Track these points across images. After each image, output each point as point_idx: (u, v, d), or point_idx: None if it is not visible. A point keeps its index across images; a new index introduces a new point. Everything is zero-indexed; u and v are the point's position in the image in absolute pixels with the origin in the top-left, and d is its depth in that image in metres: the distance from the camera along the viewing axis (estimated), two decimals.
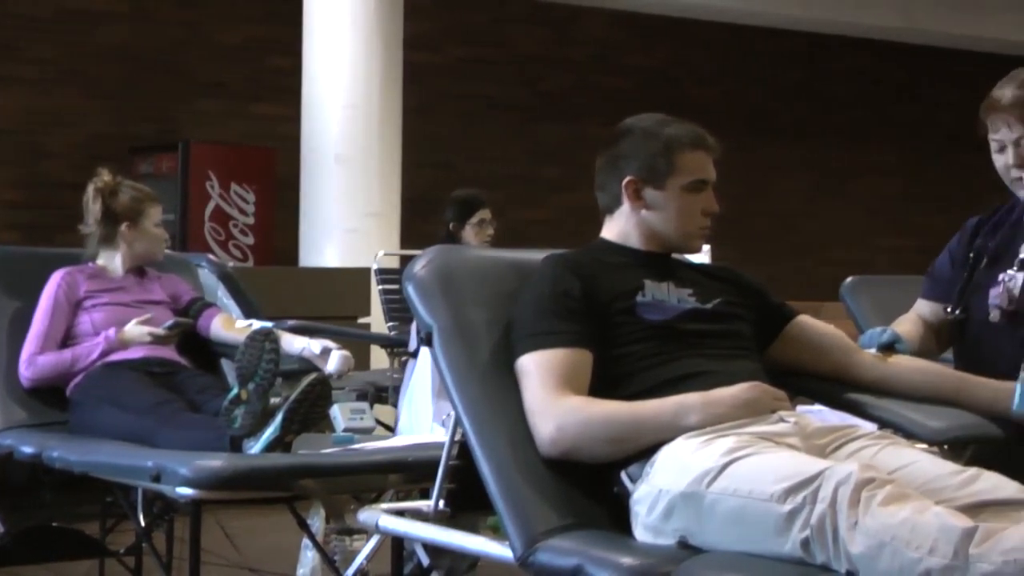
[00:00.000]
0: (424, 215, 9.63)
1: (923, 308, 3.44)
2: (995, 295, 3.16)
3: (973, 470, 2.56)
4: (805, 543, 2.38)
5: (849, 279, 6.01)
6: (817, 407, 3.39)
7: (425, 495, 3.33)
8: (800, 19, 11.09)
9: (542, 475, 2.79)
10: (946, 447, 3.00)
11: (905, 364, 3.02)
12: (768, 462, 2.53)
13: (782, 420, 2.75)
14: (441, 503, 2.94)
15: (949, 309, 3.29)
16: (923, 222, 12.67)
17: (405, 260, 6.55)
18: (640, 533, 2.67)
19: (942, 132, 12.99)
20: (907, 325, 3.38)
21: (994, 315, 3.17)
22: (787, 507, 2.41)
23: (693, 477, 2.57)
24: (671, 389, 2.78)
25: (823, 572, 2.36)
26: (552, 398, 2.77)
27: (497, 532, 2.92)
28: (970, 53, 12.03)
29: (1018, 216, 3.27)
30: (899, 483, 2.41)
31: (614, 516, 2.76)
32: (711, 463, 2.57)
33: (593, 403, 2.77)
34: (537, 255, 3.09)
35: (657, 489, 2.63)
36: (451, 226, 5.97)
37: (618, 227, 3.04)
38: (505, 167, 10.80)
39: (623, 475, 2.73)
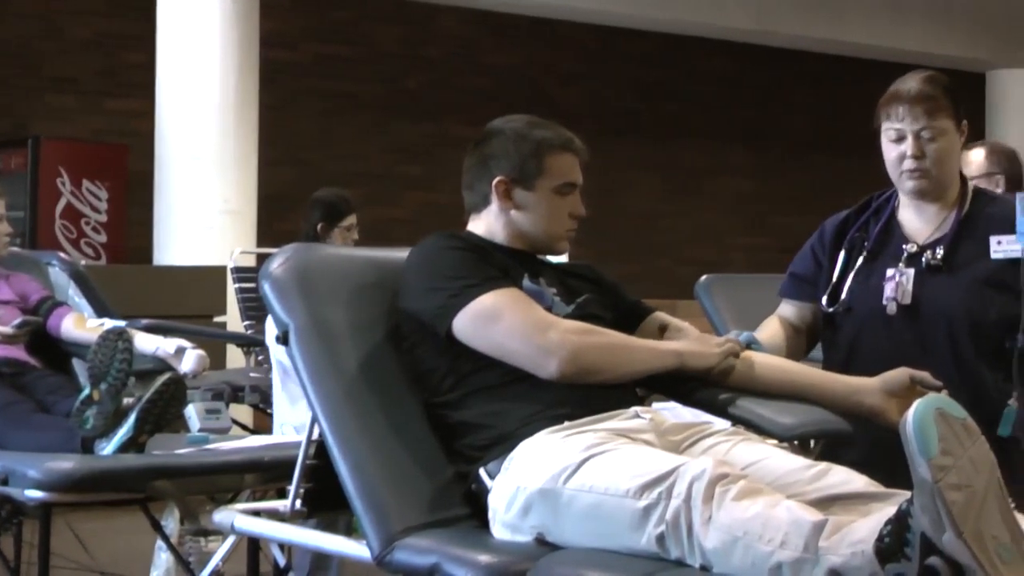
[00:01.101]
0: (281, 213, 9.57)
1: (786, 310, 3.48)
2: (890, 289, 3.19)
3: (823, 465, 2.60)
4: (660, 538, 2.40)
5: (704, 277, 6.08)
6: (671, 404, 3.42)
7: (282, 495, 3.30)
8: (658, 20, 11.20)
9: (400, 474, 2.79)
10: (796, 443, 3.06)
11: (761, 361, 3.07)
12: (624, 458, 2.55)
13: (638, 416, 2.78)
14: (298, 503, 2.92)
15: (826, 303, 3.31)
16: (778, 222, 12.89)
17: (262, 258, 6.49)
18: (498, 530, 2.68)
19: (797, 133, 13.23)
20: (770, 329, 3.42)
21: (891, 308, 3.20)
22: (642, 503, 2.43)
23: (550, 474, 2.58)
24: (534, 389, 2.79)
25: (678, 567, 2.39)
26: (555, 320, 2.81)
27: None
28: (825, 56, 12.27)
29: (892, 210, 3.33)
30: (752, 478, 2.45)
31: (473, 514, 2.77)
32: (568, 460, 2.58)
33: (597, 329, 2.84)
34: (394, 253, 3.08)
35: (515, 486, 2.64)
36: (318, 227, 5.91)
37: (485, 225, 3.04)
38: (364, 165, 10.76)
39: (481, 472, 2.73)
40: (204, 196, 8.45)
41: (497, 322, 2.78)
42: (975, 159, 5.01)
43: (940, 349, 3.14)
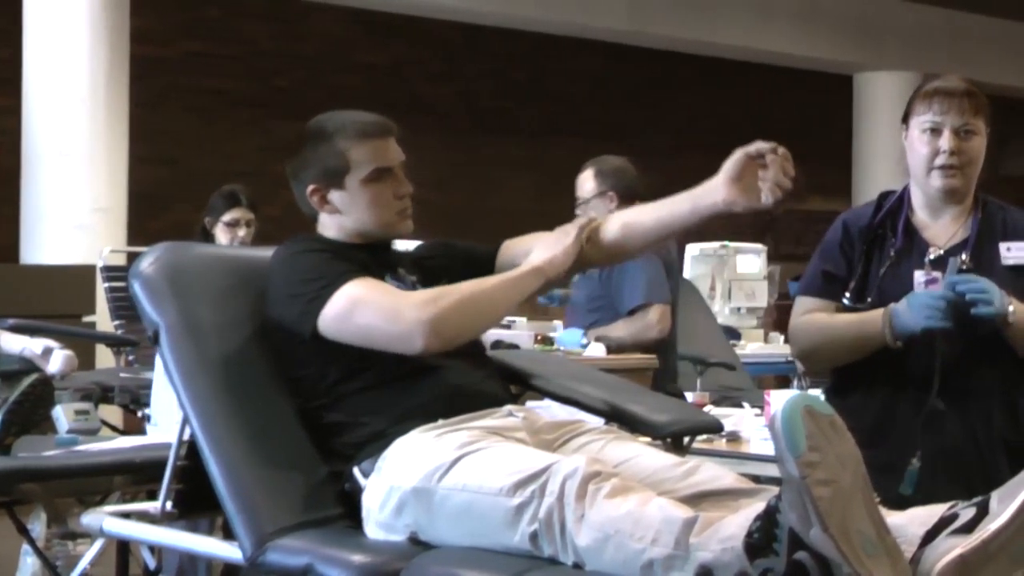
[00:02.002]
0: (152, 211, 9.44)
1: (813, 308, 3.32)
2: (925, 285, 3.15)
3: (694, 462, 2.63)
4: (533, 536, 2.41)
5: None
6: (546, 402, 3.44)
7: (152, 497, 3.26)
8: (530, 19, 11.23)
9: (272, 473, 2.77)
10: (668, 440, 3.09)
11: (616, 219, 3.09)
12: (497, 457, 2.55)
13: (512, 415, 2.79)
14: (169, 504, 2.89)
15: (850, 299, 3.21)
16: None
17: (132, 257, 6.39)
18: (371, 530, 2.67)
19: (669, 133, 13.34)
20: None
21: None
22: (516, 501, 2.44)
23: (424, 473, 2.58)
24: (407, 390, 2.79)
25: (551, 565, 2.40)
26: (405, 298, 2.77)
27: None
28: (696, 57, 12.39)
29: (906, 218, 3.27)
30: (624, 476, 2.47)
31: (347, 513, 2.76)
32: (441, 459, 2.58)
33: (446, 290, 2.78)
34: (265, 252, 3.06)
35: (388, 485, 2.64)
36: (206, 221, 5.83)
37: (328, 228, 3.03)
38: (236, 163, 10.64)
39: (355, 471, 2.73)
40: (73, 194, 8.30)
41: (356, 313, 2.77)
42: (584, 182, 5.08)
43: (987, 352, 3.11)
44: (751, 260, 8.15)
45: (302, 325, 2.80)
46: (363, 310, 2.77)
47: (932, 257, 3.19)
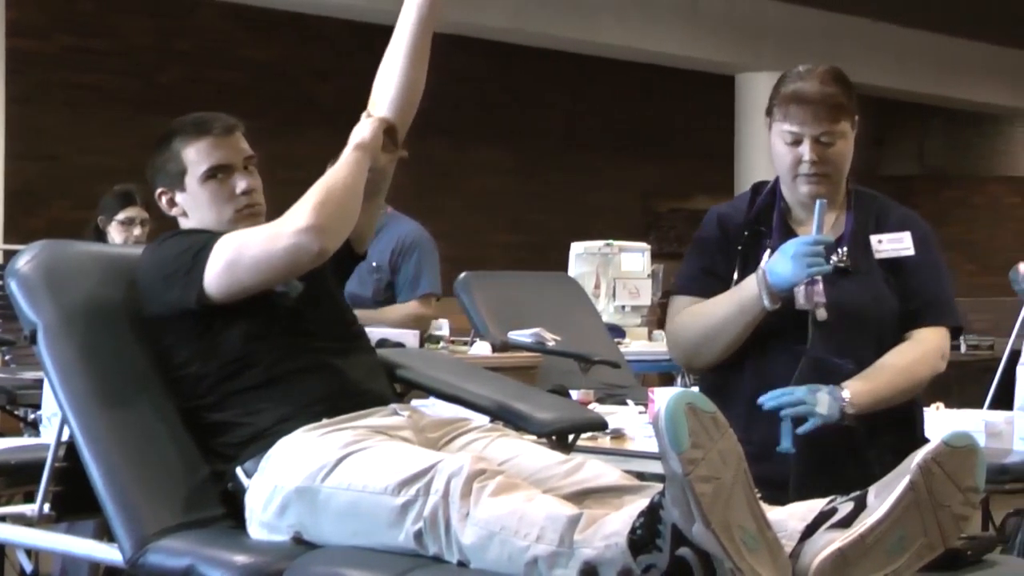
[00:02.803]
0: (28, 208, 9.28)
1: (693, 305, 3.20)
2: (816, 293, 2.98)
3: (578, 459, 2.64)
4: (418, 535, 2.41)
5: (462, 275, 6.14)
6: (431, 401, 3.44)
7: (30, 499, 3.20)
8: None
9: (153, 474, 2.74)
10: (553, 438, 3.10)
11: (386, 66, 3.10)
12: (382, 456, 2.55)
13: (397, 414, 2.78)
14: (46, 506, 2.84)
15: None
16: (533, 219, 13.04)
17: (9, 255, 6.28)
18: (255, 530, 2.65)
19: (551, 132, 13.40)
20: None
21: (822, 313, 3.00)
22: (400, 500, 2.44)
23: (308, 472, 2.57)
24: (292, 388, 2.78)
25: (435, 563, 2.40)
26: (276, 223, 2.76)
27: None
28: (579, 56, 12.45)
29: (781, 209, 3.15)
30: (509, 474, 2.47)
31: (230, 514, 2.73)
32: (326, 458, 2.57)
33: (304, 198, 2.76)
34: (142, 251, 3.02)
35: (272, 485, 2.62)
36: (99, 220, 5.73)
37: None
38: (114, 160, 10.47)
39: (238, 471, 2.71)
40: None
41: (241, 256, 2.75)
42: None
43: (865, 351, 3.02)
44: (635, 258, 8.19)
45: (187, 297, 2.77)
46: (246, 250, 2.75)
47: (842, 259, 3.08)
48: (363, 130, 2.96)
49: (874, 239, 3.09)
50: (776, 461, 2.90)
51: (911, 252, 3.08)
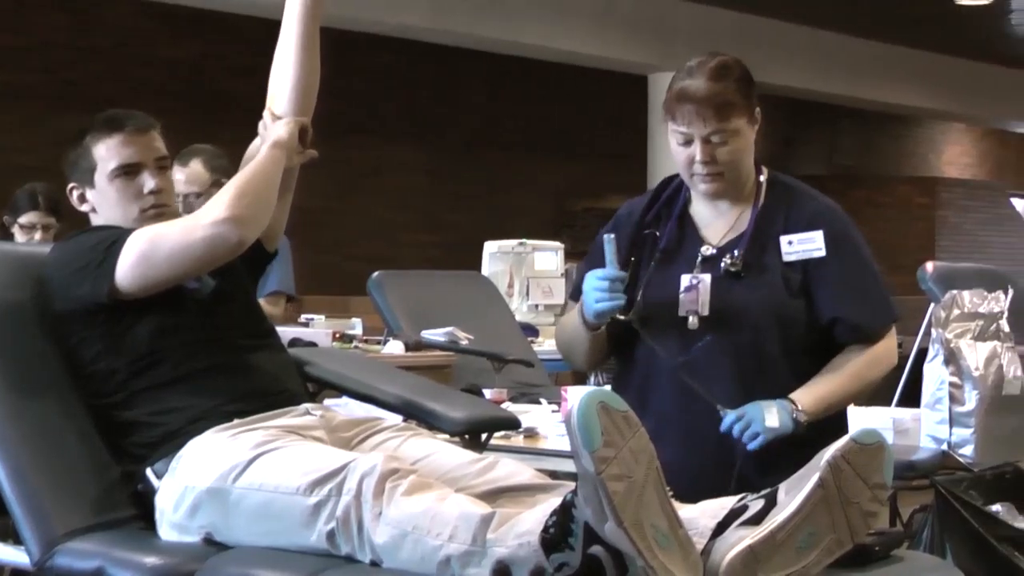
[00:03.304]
0: None
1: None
2: (688, 301, 2.90)
3: (491, 458, 2.65)
4: (331, 535, 2.41)
5: (375, 274, 6.13)
6: (344, 400, 3.43)
7: None
8: (331, 16, 10.96)
9: (62, 475, 2.71)
10: (466, 436, 3.10)
11: (278, 69, 3.15)
12: (294, 456, 2.54)
13: (309, 413, 2.77)
14: None
15: (629, 305, 2.91)
16: (447, 218, 13.03)
17: None
18: (165, 531, 2.63)
19: (467, 131, 13.40)
20: None
21: (692, 322, 2.90)
22: (313, 500, 2.43)
23: (219, 473, 2.55)
24: (203, 387, 2.76)
25: (348, 563, 2.39)
26: (192, 216, 2.77)
27: None
28: (495, 55, 12.45)
29: (684, 203, 3.04)
30: (422, 473, 2.47)
31: (140, 515, 2.71)
32: (237, 458, 2.55)
33: (221, 193, 2.77)
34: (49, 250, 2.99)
35: (183, 486, 2.60)
36: (5, 219, 5.64)
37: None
38: (27, 158, 10.33)
39: (148, 472, 2.68)
40: None
41: (156, 249, 2.74)
42: (194, 176, 4.83)
43: (746, 359, 2.88)
44: (548, 257, 8.21)
45: (98, 291, 2.75)
46: (161, 242, 2.75)
47: (705, 255, 2.95)
48: (280, 130, 2.97)
49: (784, 240, 2.92)
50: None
51: (822, 253, 2.90)
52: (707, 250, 2.94)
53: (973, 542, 3.68)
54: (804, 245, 2.91)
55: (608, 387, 2.86)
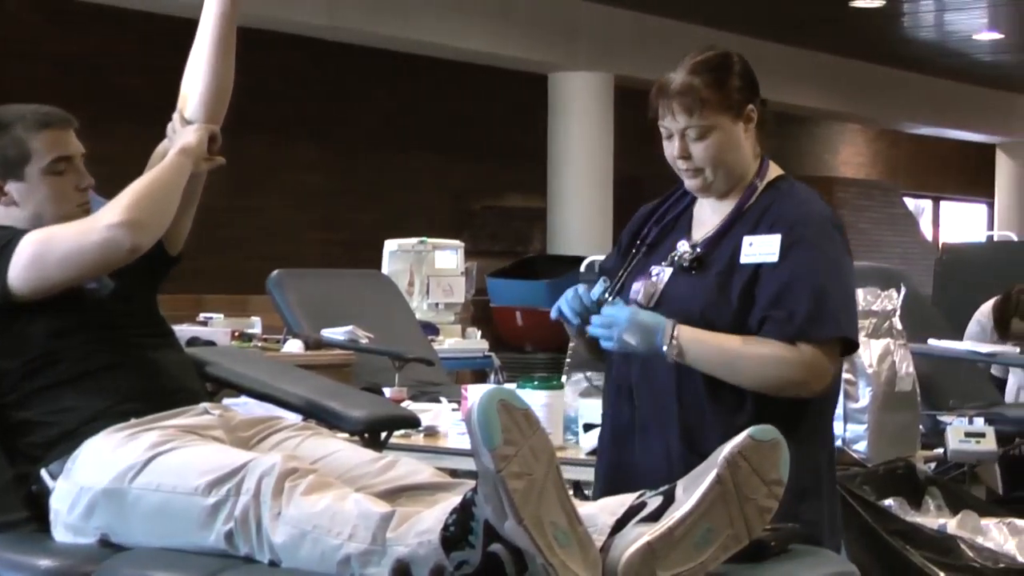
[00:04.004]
0: None
1: None
2: (637, 288, 2.87)
3: (391, 457, 2.64)
4: (229, 535, 2.39)
5: (275, 272, 6.10)
6: (243, 399, 3.41)
7: None
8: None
9: None
10: (366, 435, 3.10)
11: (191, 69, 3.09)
12: (192, 456, 2.52)
13: (207, 412, 2.75)
14: None
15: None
16: (348, 217, 12.97)
17: None
18: (60, 533, 2.60)
19: (366, 129, 13.35)
20: None
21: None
22: (211, 500, 2.41)
23: (116, 473, 2.53)
24: (99, 386, 2.73)
25: (246, 563, 2.38)
26: (90, 218, 2.75)
27: None
28: (394, 53, 12.42)
29: (685, 207, 2.98)
30: (322, 472, 2.47)
31: (34, 516, 2.68)
32: (134, 458, 2.53)
33: (121, 195, 2.75)
34: None
35: (78, 487, 2.57)
36: None
37: (14, 222, 2.90)
38: None
39: (43, 473, 2.65)
40: None
41: (50, 250, 2.72)
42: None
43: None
44: (448, 256, 8.23)
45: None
46: (55, 244, 2.72)
47: (679, 252, 2.88)
48: (189, 136, 2.94)
49: (746, 241, 2.81)
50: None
51: (774, 259, 2.77)
52: (683, 246, 2.89)
53: (866, 536, 3.74)
54: (761, 248, 2.80)
55: (509, 385, 2.86)
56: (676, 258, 2.86)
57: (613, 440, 2.90)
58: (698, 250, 2.85)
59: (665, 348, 2.72)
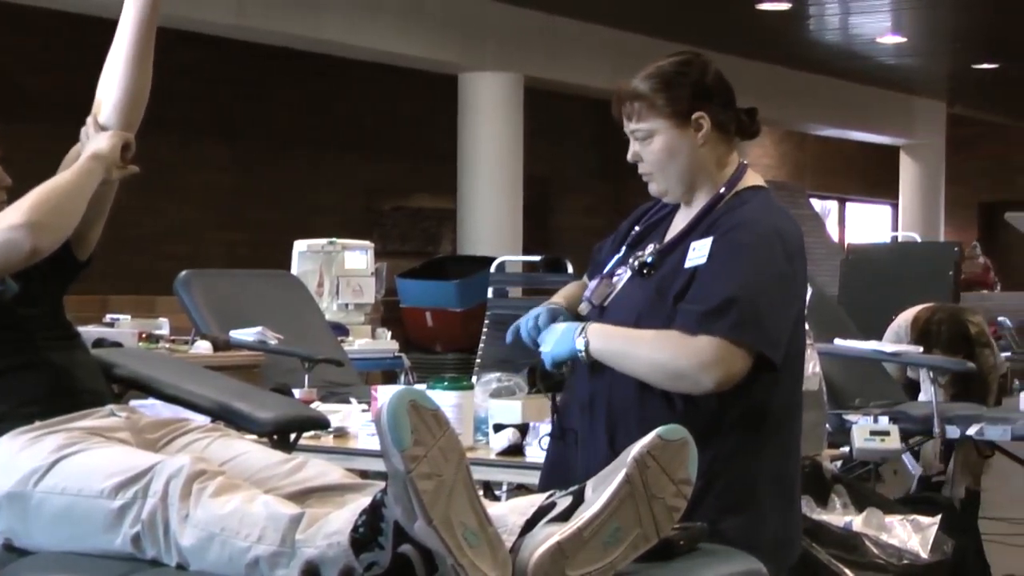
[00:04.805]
0: None
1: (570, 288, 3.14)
2: (592, 287, 2.93)
3: (300, 458, 2.63)
4: (136, 538, 2.37)
5: (183, 273, 6.05)
6: (150, 401, 3.38)
7: None
8: None
9: None
10: (275, 437, 3.09)
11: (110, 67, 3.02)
12: (98, 458, 2.50)
13: (113, 415, 2.73)
14: None
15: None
16: (256, 217, 12.91)
17: None
18: None
19: (275, 129, 13.28)
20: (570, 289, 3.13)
21: (583, 307, 2.95)
22: (117, 503, 2.39)
23: (19, 476, 2.50)
24: (4, 380, 2.71)
25: (153, 567, 2.36)
26: None
27: None
28: (304, 53, 12.36)
29: (670, 212, 2.99)
30: (230, 474, 2.45)
31: None
32: (38, 461, 2.50)
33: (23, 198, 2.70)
34: None
35: None
36: None
37: None
38: None
39: None
40: None
41: None
42: None
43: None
44: (358, 256, 8.21)
45: None
46: None
47: (642, 257, 2.90)
48: (101, 142, 2.90)
49: (692, 245, 2.82)
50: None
51: (703, 261, 2.78)
52: (651, 247, 2.91)
53: None
54: (698, 252, 2.81)
55: (419, 386, 2.86)
56: (635, 262, 2.89)
57: (562, 438, 2.96)
58: (651, 257, 2.87)
59: (578, 349, 2.78)
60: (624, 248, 2.98)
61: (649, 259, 2.87)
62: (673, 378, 2.72)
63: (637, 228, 3.01)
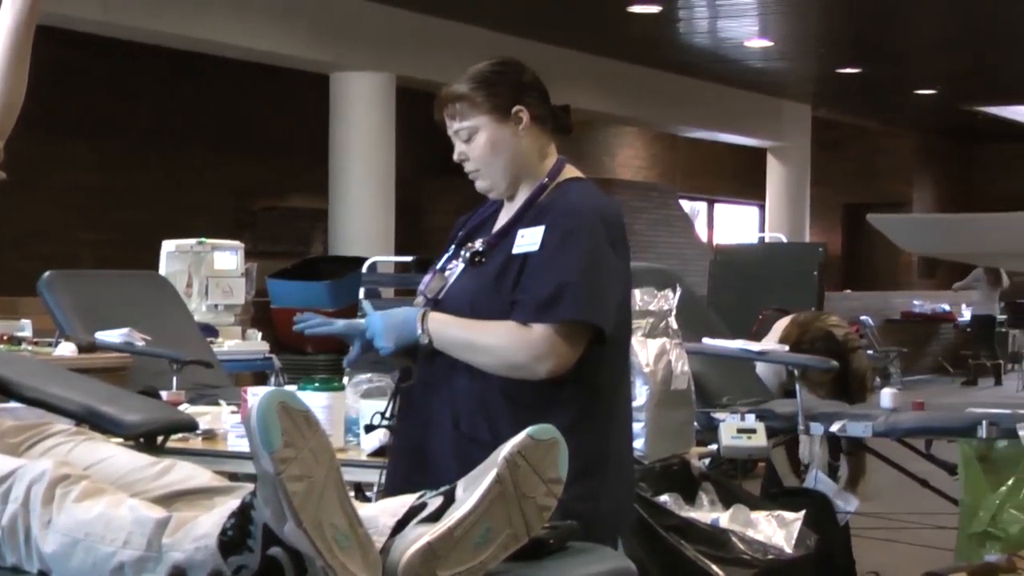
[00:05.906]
0: None
1: None
2: (426, 281, 3.01)
3: (167, 461, 2.60)
4: None
5: (46, 273, 5.95)
6: (13, 405, 3.32)
7: None
8: None
9: None
10: (142, 440, 3.05)
11: None
12: None
13: None
14: None
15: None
16: (123, 217, 12.74)
17: None
18: None
19: (141, 127, 13.12)
20: None
21: (418, 300, 3.02)
22: None
23: None
24: None
25: (14, 574, 2.31)
26: None
27: None
28: (172, 51, 12.22)
29: (496, 210, 3.10)
30: (95, 479, 2.41)
31: None
32: None
33: None
34: None
35: None
36: None
37: None
38: None
39: None
40: None
41: None
42: None
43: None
44: (228, 257, 8.13)
45: None
46: None
47: (473, 248, 3.01)
48: None
49: (520, 234, 2.94)
50: None
51: (535, 248, 2.90)
52: (479, 241, 3.03)
53: (643, 532, 3.82)
54: (529, 239, 2.93)
55: (290, 387, 2.85)
56: (466, 254, 2.99)
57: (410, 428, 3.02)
58: (482, 246, 2.99)
59: (420, 336, 2.89)
60: (453, 247, 3.09)
61: (480, 248, 2.99)
62: (510, 369, 2.87)
63: (462, 233, 3.12)
